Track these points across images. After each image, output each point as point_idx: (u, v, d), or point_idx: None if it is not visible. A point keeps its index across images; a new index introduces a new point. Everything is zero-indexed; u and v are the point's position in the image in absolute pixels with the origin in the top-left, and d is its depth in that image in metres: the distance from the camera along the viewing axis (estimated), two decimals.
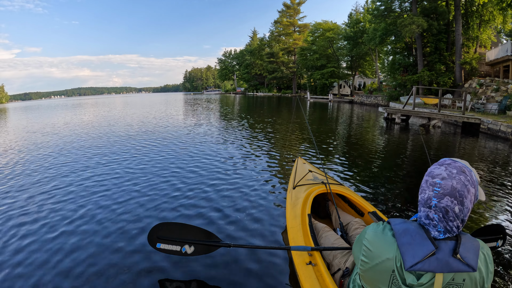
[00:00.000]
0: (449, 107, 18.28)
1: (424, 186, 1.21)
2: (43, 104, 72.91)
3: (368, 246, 1.24)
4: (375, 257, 1.21)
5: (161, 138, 10.79)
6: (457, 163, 1.18)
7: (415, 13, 23.37)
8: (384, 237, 1.22)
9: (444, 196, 1.13)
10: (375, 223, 1.33)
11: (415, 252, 1.11)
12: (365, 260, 1.25)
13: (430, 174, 1.21)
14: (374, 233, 1.25)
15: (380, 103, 28.47)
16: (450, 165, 1.17)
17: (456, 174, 1.14)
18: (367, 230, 1.31)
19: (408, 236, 1.15)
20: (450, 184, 1.13)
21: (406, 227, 1.20)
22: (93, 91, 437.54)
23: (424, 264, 1.09)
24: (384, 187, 5.25)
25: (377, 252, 1.20)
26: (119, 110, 28.63)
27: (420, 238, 1.14)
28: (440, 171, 1.17)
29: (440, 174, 1.16)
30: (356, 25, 41.02)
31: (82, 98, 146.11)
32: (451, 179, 1.13)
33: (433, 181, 1.17)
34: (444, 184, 1.14)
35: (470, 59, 21.60)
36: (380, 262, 1.19)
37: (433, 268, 1.08)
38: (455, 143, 9.98)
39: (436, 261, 1.08)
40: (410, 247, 1.12)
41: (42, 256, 3.23)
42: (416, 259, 1.09)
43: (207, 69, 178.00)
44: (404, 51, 28.88)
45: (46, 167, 7.11)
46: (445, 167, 1.17)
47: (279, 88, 71.72)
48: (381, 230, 1.25)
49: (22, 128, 16.75)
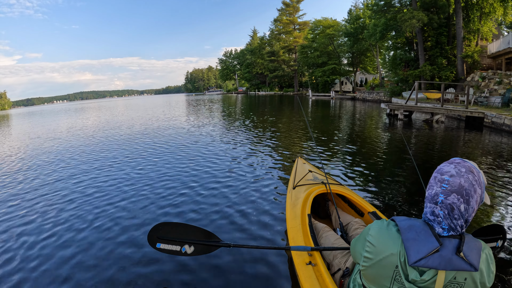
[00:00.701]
0: (451, 101, 18.16)
1: (432, 182, 1.22)
2: (46, 109, 73.50)
3: (372, 242, 1.25)
4: (379, 252, 1.22)
5: (160, 140, 10.81)
6: (467, 163, 1.20)
7: (415, 7, 23.25)
8: (389, 232, 1.23)
9: (451, 193, 1.14)
10: (378, 220, 1.33)
11: (419, 248, 1.12)
12: (369, 256, 1.25)
13: (439, 171, 1.22)
14: (379, 229, 1.27)
15: (382, 99, 28.38)
16: (459, 164, 1.19)
17: (464, 172, 1.16)
18: (371, 226, 1.32)
19: (413, 232, 1.17)
20: (458, 182, 1.14)
21: (411, 223, 1.21)
22: (95, 95, 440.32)
23: (427, 260, 1.10)
24: (385, 186, 5.20)
25: (381, 248, 1.22)
26: (121, 114, 28.78)
27: (425, 234, 1.15)
28: (449, 168, 1.19)
29: (449, 172, 1.18)
30: (356, 21, 40.87)
31: (84, 102, 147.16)
32: (460, 177, 1.15)
33: (442, 177, 1.19)
34: (452, 181, 1.15)
35: (471, 52, 21.42)
36: (384, 257, 1.20)
37: (436, 264, 1.09)
38: (459, 138, 9.86)
39: (439, 258, 1.09)
40: (415, 243, 1.13)
41: (42, 255, 3.26)
42: (420, 254, 1.10)
43: (208, 69, 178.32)
44: (405, 46, 28.75)
45: (49, 170, 7.17)
46: (454, 165, 1.19)
47: (280, 86, 71.71)
48: (385, 226, 1.27)
49: (28, 133, 16.92)
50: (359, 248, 1.35)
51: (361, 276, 1.36)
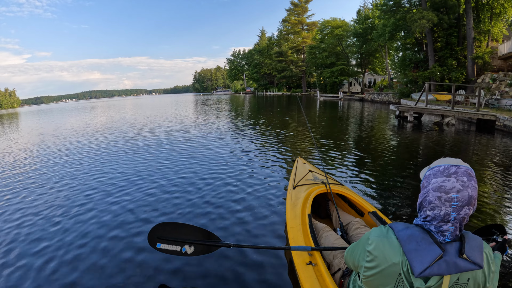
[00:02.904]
0: (462, 103, 17.89)
1: (437, 203, 1.14)
2: (55, 107, 74.48)
3: (372, 252, 1.23)
4: (381, 262, 1.19)
5: (161, 139, 10.93)
6: (461, 167, 1.15)
7: (424, 7, 23.00)
8: (389, 241, 1.20)
9: (463, 207, 1.11)
10: (377, 228, 1.30)
11: (422, 257, 1.10)
12: (370, 266, 1.23)
13: (441, 189, 1.14)
14: (379, 238, 1.24)
15: (391, 100, 28.13)
16: (458, 174, 1.13)
17: (467, 181, 1.12)
18: (369, 236, 1.29)
19: (414, 242, 1.15)
20: (466, 194, 1.11)
21: (410, 233, 1.18)
22: (104, 94, 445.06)
23: (433, 268, 1.09)
24: (387, 188, 5.16)
25: (382, 258, 1.19)
26: (130, 113, 29.09)
27: (426, 243, 1.13)
28: (452, 183, 1.13)
29: (454, 187, 1.12)
30: (365, 22, 40.58)
31: (93, 101, 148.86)
32: (466, 188, 1.11)
33: (448, 196, 1.12)
34: (461, 196, 1.11)
35: (482, 53, 21.09)
36: (386, 267, 1.18)
37: (442, 271, 1.08)
38: (469, 142, 9.60)
39: (444, 263, 1.09)
40: (418, 253, 1.12)
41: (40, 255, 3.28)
42: (424, 264, 1.09)
43: (216, 69, 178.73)
44: (415, 47, 28.43)
45: (49, 168, 7.28)
46: (455, 178, 1.13)
47: (288, 87, 71.53)
48: (385, 234, 1.24)
49: (35, 130, 17.17)
50: (358, 258, 1.33)
51: (362, 282, 1.34)
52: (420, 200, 1.23)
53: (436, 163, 1.22)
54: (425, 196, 1.19)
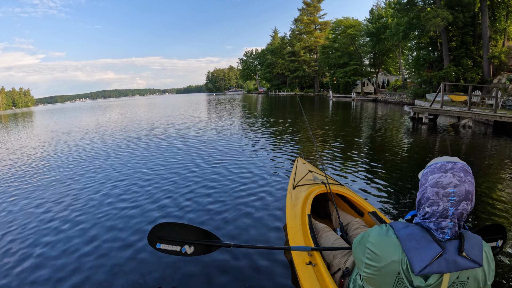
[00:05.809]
0: (478, 104, 17.45)
1: (435, 199, 1.17)
2: (69, 106, 75.83)
3: (372, 249, 1.25)
4: (381, 259, 1.21)
5: (162, 139, 11.07)
6: (457, 164, 1.17)
7: (439, 5, 22.50)
8: (389, 239, 1.22)
9: (460, 202, 1.13)
10: (377, 226, 1.32)
11: (422, 256, 1.11)
12: (370, 263, 1.25)
13: (438, 185, 1.17)
14: (379, 236, 1.26)
15: (405, 101, 27.62)
16: (454, 169, 1.16)
17: (464, 176, 1.14)
18: (370, 233, 1.31)
19: (414, 240, 1.16)
20: (463, 189, 1.13)
21: (410, 231, 1.19)
22: (117, 93, 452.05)
23: (432, 266, 1.09)
24: (388, 188, 5.11)
25: (382, 255, 1.21)
26: (143, 112, 29.47)
27: (425, 241, 1.15)
28: (449, 179, 1.15)
29: (451, 182, 1.14)
30: (378, 21, 39.97)
31: (107, 101, 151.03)
32: (463, 183, 1.13)
33: (446, 191, 1.15)
34: (458, 191, 1.13)
35: (498, 53, 20.49)
36: (386, 265, 1.19)
37: (442, 269, 1.09)
38: (486, 145, 9.17)
39: (444, 261, 1.10)
40: (417, 252, 1.13)
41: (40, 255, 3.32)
42: (424, 262, 1.10)
43: (229, 69, 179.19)
44: (429, 46, 27.81)
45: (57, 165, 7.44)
46: (451, 174, 1.15)
47: (301, 87, 71.17)
48: (384, 232, 1.26)
49: (49, 128, 17.52)
50: (359, 254, 1.34)
51: (362, 279, 1.36)
52: (419, 197, 1.25)
53: (433, 161, 1.25)
54: (423, 193, 1.22)
